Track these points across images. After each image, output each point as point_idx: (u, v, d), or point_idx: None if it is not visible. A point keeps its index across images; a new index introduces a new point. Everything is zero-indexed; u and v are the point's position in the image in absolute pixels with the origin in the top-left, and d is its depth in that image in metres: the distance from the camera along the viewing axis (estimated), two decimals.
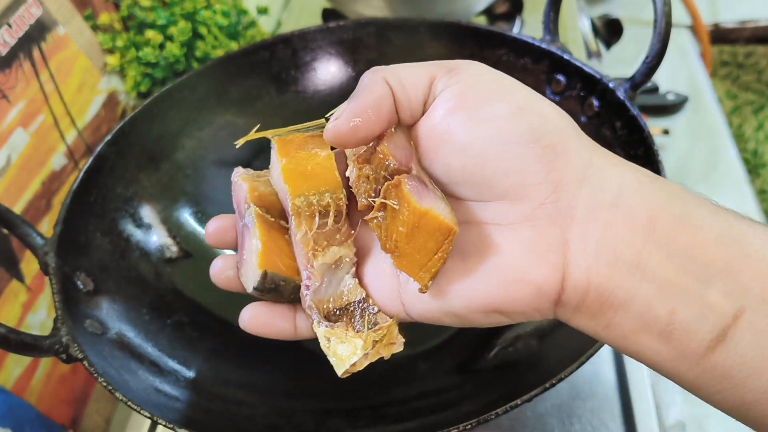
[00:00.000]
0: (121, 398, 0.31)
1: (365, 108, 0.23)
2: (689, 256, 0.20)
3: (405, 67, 0.24)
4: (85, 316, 0.36)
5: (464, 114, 0.22)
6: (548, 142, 0.22)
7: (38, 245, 0.37)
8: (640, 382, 0.45)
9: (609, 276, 0.21)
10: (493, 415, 0.28)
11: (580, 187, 0.22)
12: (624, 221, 0.21)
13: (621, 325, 0.22)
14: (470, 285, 0.23)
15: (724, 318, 0.20)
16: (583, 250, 0.21)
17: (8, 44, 0.45)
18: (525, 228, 0.22)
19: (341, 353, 0.26)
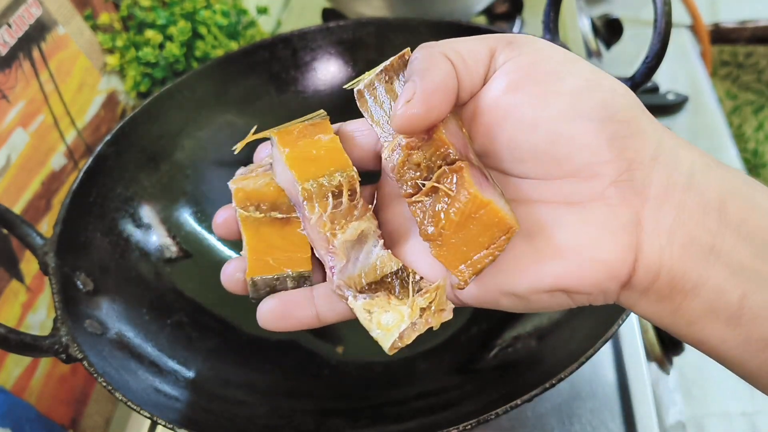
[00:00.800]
0: (121, 398, 0.31)
1: (436, 88, 0.21)
2: (761, 239, 0.20)
3: (461, 42, 0.22)
4: (85, 316, 0.36)
5: (532, 89, 0.21)
6: (622, 117, 0.21)
7: (38, 245, 0.37)
8: (640, 382, 0.45)
9: (682, 258, 0.20)
10: (493, 415, 0.28)
11: (654, 166, 0.21)
12: (698, 203, 0.20)
13: (689, 310, 0.21)
14: (538, 265, 0.22)
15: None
16: (657, 231, 0.20)
17: (8, 44, 0.45)
18: (596, 206, 0.21)
19: (386, 323, 0.24)
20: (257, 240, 0.27)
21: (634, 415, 0.43)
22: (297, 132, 0.27)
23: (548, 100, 0.21)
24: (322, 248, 0.25)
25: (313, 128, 0.27)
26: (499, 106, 0.22)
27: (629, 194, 0.21)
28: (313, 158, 0.25)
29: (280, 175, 0.27)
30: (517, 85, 0.21)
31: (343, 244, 0.24)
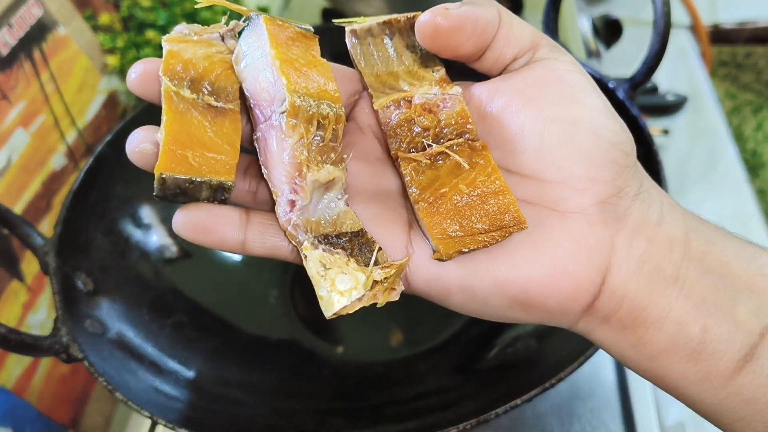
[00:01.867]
0: (121, 398, 0.31)
1: (474, 19, 0.21)
2: (719, 273, 0.21)
3: (515, 17, 0.22)
4: (85, 316, 0.36)
5: (560, 88, 0.22)
6: (627, 149, 0.22)
7: (38, 245, 0.37)
8: (640, 382, 0.45)
9: (647, 289, 0.21)
10: (493, 415, 0.28)
11: (635, 200, 0.21)
12: (665, 238, 0.21)
13: (651, 344, 0.21)
14: (509, 265, 0.21)
15: (752, 336, 0.20)
16: (627, 259, 0.21)
17: (9, 45, 0.45)
18: (578, 221, 0.21)
19: (340, 286, 0.21)
20: (180, 126, 0.21)
21: (633, 415, 0.43)
22: (289, 34, 0.23)
23: (572, 106, 0.21)
24: (284, 176, 0.21)
25: (306, 40, 0.24)
26: (526, 93, 0.22)
27: (610, 218, 0.21)
28: (305, 74, 0.22)
29: (249, 68, 0.23)
30: (544, 83, 0.22)
31: (313, 183, 0.21)
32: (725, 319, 0.20)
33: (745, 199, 0.68)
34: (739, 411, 0.21)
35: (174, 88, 0.22)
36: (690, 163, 0.71)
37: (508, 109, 0.22)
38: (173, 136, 0.21)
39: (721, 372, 0.20)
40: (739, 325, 0.20)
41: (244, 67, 0.23)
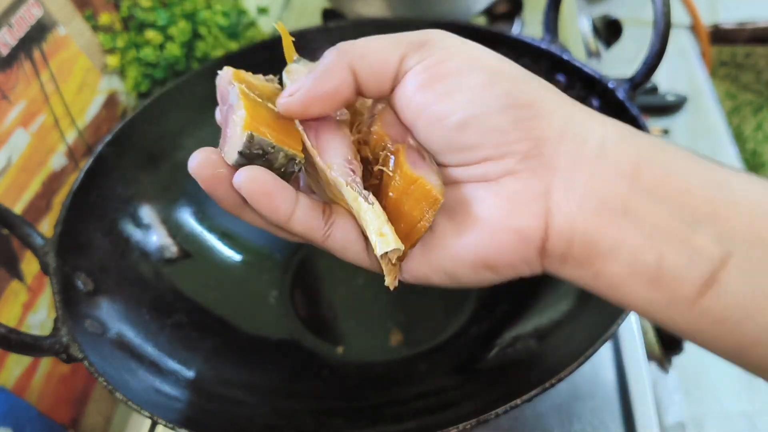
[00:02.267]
0: (121, 398, 0.31)
1: (322, 95, 0.24)
2: (676, 202, 0.21)
3: (373, 45, 0.24)
4: (85, 316, 0.36)
5: (438, 86, 0.23)
6: (525, 102, 0.22)
7: (38, 245, 0.37)
8: (640, 382, 0.45)
9: (595, 223, 0.21)
10: (493, 415, 0.28)
11: (562, 140, 0.22)
12: (609, 170, 0.21)
13: (610, 274, 0.21)
14: (457, 239, 0.23)
15: (713, 262, 0.20)
16: (566, 199, 0.22)
17: (9, 45, 0.45)
18: (508, 181, 0.22)
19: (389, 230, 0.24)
20: (255, 111, 0.24)
21: (633, 415, 0.43)
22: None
23: (453, 96, 0.22)
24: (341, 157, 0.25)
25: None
26: (412, 106, 0.24)
27: (538, 168, 0.22)
28: None
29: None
30: (424, 85, 0.23)
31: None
32: (682, 247, 0.20)
33: None
34: (710, 331, 0.21)
35: (246, 90, 0.25)
36: None
37: (411, 118, 0.24)
38: (252, 113, 0.24)
39: (684, 296, 0.21)
40: (699, 251, 0.20)
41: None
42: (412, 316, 0.47)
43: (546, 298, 0.41)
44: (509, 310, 0.44)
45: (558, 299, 0.39)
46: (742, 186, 0.21)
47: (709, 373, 0.55)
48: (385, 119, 0.25)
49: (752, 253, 0.20)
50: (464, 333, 0.45)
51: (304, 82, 0.24)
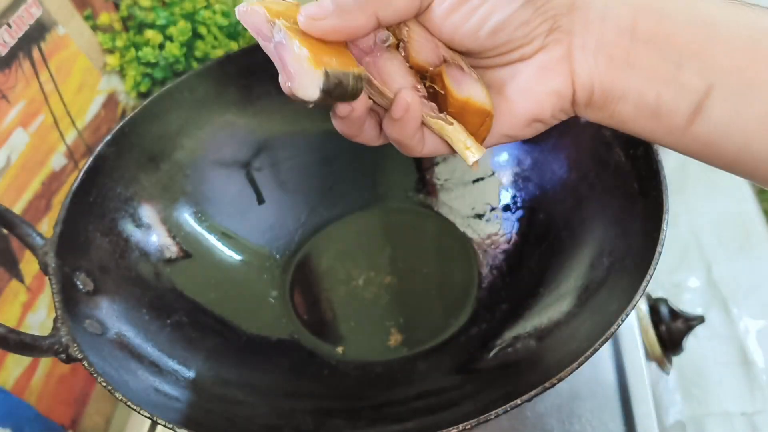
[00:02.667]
0: (121, 398, 0.31)
1: (343, 33, 0.26)
2: (666, 45, 0.25)
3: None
4: (85, 316, 0.36)
5: (464, 7, 0.26)
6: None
7: (38, 245, 0.37)
8: (640, 382, 0.45)
9: (608, 75, 0.26)
10: (493, 415, 0.28)
11: (573, 11, 0.26)
12: (612, 28, 0.25)
13: (622, 113, 0.27)
14: (511, 110, 0.28)
15: (697, 94, 0.24)
16: (584, 58, 0.26)
17: (8, 44, 0.45)
18: (539, 56, 0.27)
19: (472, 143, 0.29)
20: (310, 44, 0.26)
21: (633, 415, 0.43)
22: None
23: (478, 10, 0.25)
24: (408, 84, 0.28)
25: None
26: (443, 30, 0.27)
27: (560, 37, 0.26)
28: None
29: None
30: (451, 9, 0.26)
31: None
32: (672, 84, 0.25)
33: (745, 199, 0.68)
34: (703, 152, 0.26)
35: (289, 24, 0.26)
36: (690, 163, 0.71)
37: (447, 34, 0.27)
38: (311, 49, 0.25)
39: (678, 125, 0.25)
40: (685, 86, 0.24)
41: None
42: (412, 316, 0.47)
43: (546, 298, 0.41)
44: (509, 310, 0.44)
45: (558, 299, 0.39)
46: (726, 19, 0.24)
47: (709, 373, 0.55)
48: (414, 45, 0.27)
49: (731, 82, 0.24)
50: (464, 333, 0.45)
51: (326, 10, 0.25)
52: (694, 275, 0.64)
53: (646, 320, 0.49)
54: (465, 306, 0.47)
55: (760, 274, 0.64)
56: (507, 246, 0.48)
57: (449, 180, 0.52)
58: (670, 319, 0.50)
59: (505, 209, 0.49)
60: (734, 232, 0.67)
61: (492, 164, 0.50)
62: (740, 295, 0.62)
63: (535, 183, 0.48)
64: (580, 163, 0.44)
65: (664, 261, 0.32)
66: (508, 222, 0.49)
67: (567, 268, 0.41)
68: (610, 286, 0.36)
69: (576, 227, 0.43)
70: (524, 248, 0.47)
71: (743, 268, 0.64)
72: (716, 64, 0.24)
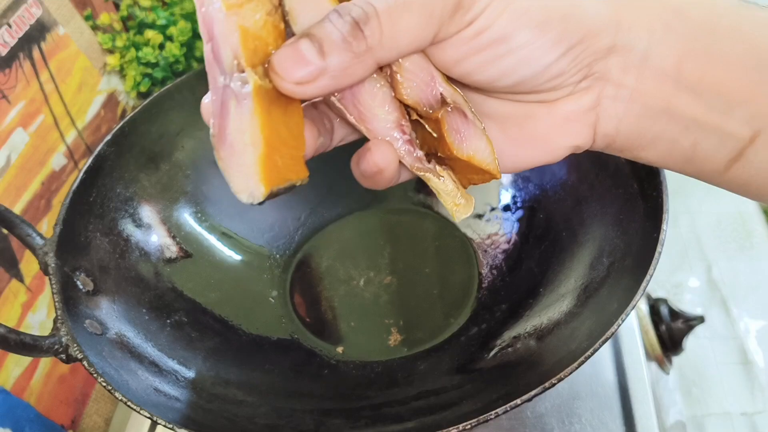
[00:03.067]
0: (121, 398, 0.31)
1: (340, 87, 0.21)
2: (714, 92, 0.22)
3: (402, 33, 0.20)
4: (85, 316, 0.36)
5: (484, 54, 0.22)
6: (576, 40, 0.22)
7: (38, 245, 0.37)
8: (640, 382, 0.45)
9: (638, 125, 0.23)
10: (493, 415, 0.28)
11: (610, 54, 0.22)
12: (653, 74, 0.22)
13: (647, 158, 0.24)
14: (516, 153, 0.25)
15: (741, 141, 0.22)
16: (613, 107, 0.23)
17: (8, 44, 0.45)
18: (563, 103, 0.23)
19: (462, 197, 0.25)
20: (270, 130, 0.20)
21: (633, 415, 0.43)
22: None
23: (503, 60, 0.22)
24: (390, 123, 0.22)
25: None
26: (454, 70, 0.22)
27: (591, 84, 0.23)
28: None
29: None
30: (467, 56, 0.22)
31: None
32: (715, 133, 0.22)
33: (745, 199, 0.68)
34: (739, 190, 0.24)
35: (261, 83, 0.20)
36: None
37: (459, 71, 0.23)
38: (269, 145, 0.20)
39: (713, 169, 0.24)
40: (730, 135, 0.22)
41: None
42: (412, 316, 0.47)
43: (546, 298, 0.41)
44: (509, 310, 0.44)
45: (558, 299, 0.39)
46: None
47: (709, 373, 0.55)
48: (405, 76, 0.22)
49: None
50: (464, 333, 0.45)
51: (316, 71, 0.20)
52: (694, 275, 0.64)
53: (646, 320, 0.49)
54: (465, 306, 0.47)
55: (760, 274, 0.64)
56: (507, 246, 0.48)
57: None
58: (670, 319, 0.50)
59: (505, 209, 0.49)
60: (734, 232, 0.67)
61: None
62: (740, 295, 0.62)
63: (535, 183, 0.48)
64: (580, 163, 0.44)
65: (664, 261, 0.32)
66: (508, 222, 0.49)
67: (567, 268, 0.41)
68: (610, 286, 0.36)
69: (576, 227, 0.43)
70: (524, 248, 0.47)
71: (743, 268, 0.64)
72: (765, 111, 0.22)
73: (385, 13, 0.20)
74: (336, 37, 0.20)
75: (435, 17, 0.20)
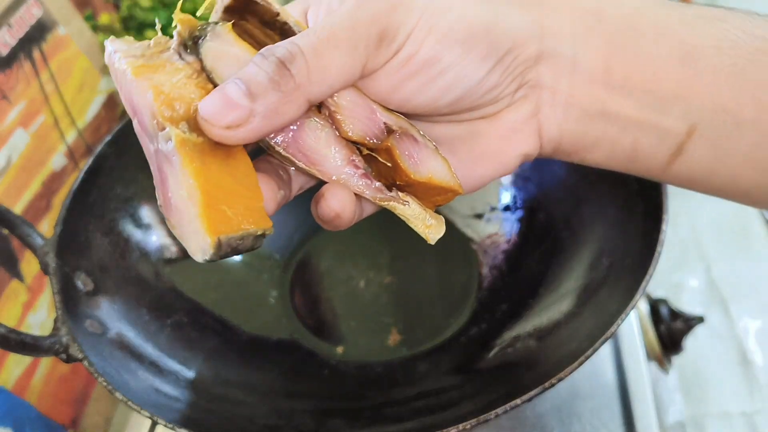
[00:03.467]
0: (121, 398, 0.31)
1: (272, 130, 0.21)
2: (645, 91, 0.23)
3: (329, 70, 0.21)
4: (85, 316, 0.36)
5: (416, 80, 0.22)
6: (504, 50, 0.22)
7: (38, 245, 0.37)
8: (640, 382, 0.45)
9: (578, 128, 0.24)
10: (493, 415, 0.28)
11: (539, 63, 0.23)
12: (583, 78, 0.23)
13: (593, 160, 0.25)
14: (470, 171, 0.25)
15: (679, 137, 0.23)
16: (553, 113, 0.24)
17: (9, 45, 0.45)
18: (505, 114, 0.24)
19: (431, 218, 0.25)
20: (206, 179, 0.19)
21: (633, 415, 0.43)
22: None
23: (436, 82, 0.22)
24: (340, 161, 0.22)
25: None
26: (389, 100, 0.23)
27: (527, 92, 0.24)
28: None
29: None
30: (400, 84, 0.22)
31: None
32: (652, 131, 0.23)
33: None
34: (685, 185, 0.25)
35: (185, 135, 0.20)
36: None
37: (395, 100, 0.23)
38: (208, 193, 0.19)
39: (657, 166, 0.24)
40: (667, 132, 0.23)
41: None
42: (412, 316, 0.47)
43: (546, 298, 0.41)
44: (509, 310, 0.44)
45: (558, 299, 0.39)
46: (708, 48, 0.22)
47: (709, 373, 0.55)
48: (345, 114, 0.22)
49: (715, 122, 0.22)
50: (464, 333, 0.45)
51: (245, 114, 0.20)
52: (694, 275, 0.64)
53: (646, 320, 0.49)
54: (465, 306, 0.47)
55: (759, 274, 0.64)
56: (507, 246, 0.48)
57: None
58: (670, 319, 0.50)
59: (505, 209, 0.49)
60: (734, 232, 0.67)
61: None
62: (740, 295, 0.62)
63: (535, 183, 0.48)
64: None
65: (664, 261, 0.32)
66: (508, 222, 0.49)
67: (567, 268, 0.41)
68: (610, 286, 0.36)
69: (576, 227, 0.43)
70: (524, 248, 0.47)
71: (743, 268, 0.64)
72: (699, 105, 0.22)
73: (310, 50, 0.20)
74: (262, 77, 0.20)
75: (360, 50, 0.21)
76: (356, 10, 0.21)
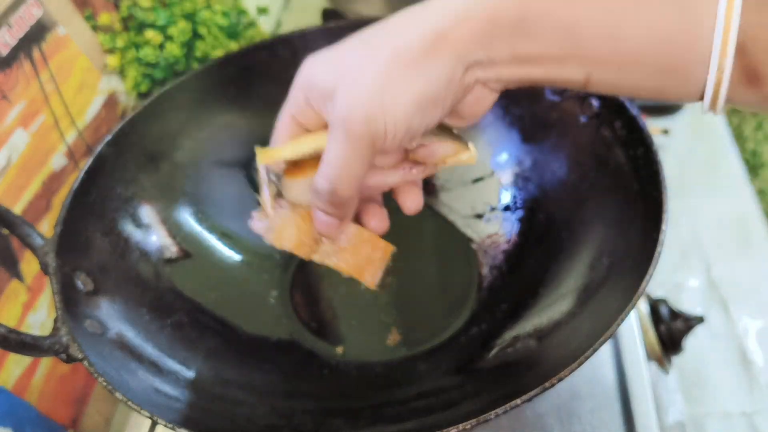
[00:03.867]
0: (121, 398, 0.31)
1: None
2: (540, 63, 0.28)
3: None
4: (85, 316, 0.36)
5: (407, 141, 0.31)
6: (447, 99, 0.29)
7: (38, 245, 0.37)
8: (640, 382, 0.45)
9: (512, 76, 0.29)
10: (493, 415, 0.28)
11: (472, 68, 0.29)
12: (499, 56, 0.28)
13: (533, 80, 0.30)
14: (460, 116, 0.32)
15: (579, 84, 0.29)
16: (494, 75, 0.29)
17: (9, 44, 0.45)
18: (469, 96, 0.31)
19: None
20: (351, 268, 0.37)
21: (633, 415, 0.43)
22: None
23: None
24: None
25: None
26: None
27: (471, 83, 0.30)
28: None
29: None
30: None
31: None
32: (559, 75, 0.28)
33: (745, 199, 0.68)
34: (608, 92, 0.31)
35: (327, 261, 0.38)
36: (690, 163, 0.71)
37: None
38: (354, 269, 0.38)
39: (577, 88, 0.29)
40: (570, 79, 0.28)
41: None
42: (412, 316, 0.47)
43: (546, 298, 0.41)
44: (509, 310, 0.44)
45: (558, 299, 0.39)
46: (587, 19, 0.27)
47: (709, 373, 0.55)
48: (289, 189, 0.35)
49: (604, 69, 0.28)
50: (464, 333, 0.45)
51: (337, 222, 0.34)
52: (694, 275, 0.64)
53: (646, 320, 0.49)
54: (465, 306, 0.47)
55: (759, 274, 0.64)
56: (507, 246, 0.48)
57: (449, 180, 0.52)
58: (670, 319, 0.50)
59: (505, 209, 0.49)
60: (734, 232, 0.67)
61: (492, 164, 0.50)
62: (740, 295, 0.62)
63: (535, 183, 0.48)
64: (580, 163, 0.44)
65: (664, 261, 0.32)
66: (508, 222, 0.49)
67: (567, 268, 0.41)
68: (610, 286, 0.36)
69: (576, 227, 0.43)
70: (524, 248, 0.47)
71: (743, 268, 0.64)
72: (587, 61, 0.28)
73: (335, 178, 0.30)
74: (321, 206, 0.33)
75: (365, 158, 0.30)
76: (349, 141, 0.29)
